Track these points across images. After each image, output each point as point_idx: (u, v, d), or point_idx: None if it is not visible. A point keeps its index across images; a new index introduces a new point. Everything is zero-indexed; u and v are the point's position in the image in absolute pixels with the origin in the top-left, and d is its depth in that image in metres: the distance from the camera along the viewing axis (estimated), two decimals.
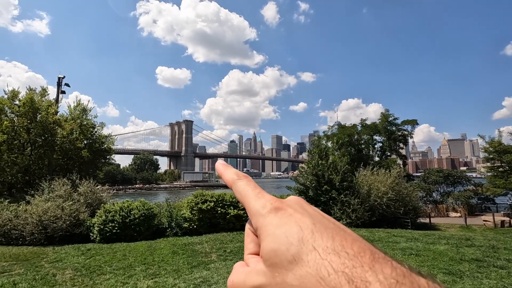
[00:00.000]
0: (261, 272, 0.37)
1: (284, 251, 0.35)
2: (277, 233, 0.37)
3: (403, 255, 8.15)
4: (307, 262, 0.33)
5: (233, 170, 0.49)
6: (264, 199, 0.41)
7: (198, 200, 15.83)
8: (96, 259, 9.00)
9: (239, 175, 0.47)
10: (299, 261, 0.33)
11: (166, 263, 8.30)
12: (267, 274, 0.36)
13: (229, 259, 8.41)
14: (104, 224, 14.08)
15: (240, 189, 0.45)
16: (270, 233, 0.37)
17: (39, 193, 15.54)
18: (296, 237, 0.35)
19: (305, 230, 0.35)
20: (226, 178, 0.48)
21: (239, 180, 0.46)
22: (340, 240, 0.33)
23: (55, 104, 20.53)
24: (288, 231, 0.36)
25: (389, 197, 17.01)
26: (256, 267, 0.39)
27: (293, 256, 0.34)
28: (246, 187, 0.44)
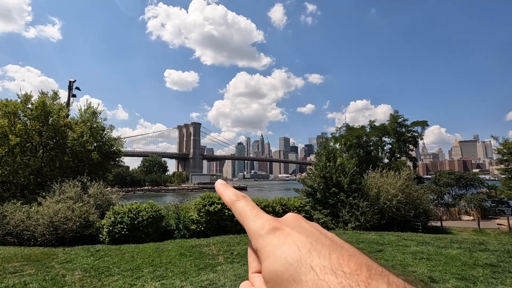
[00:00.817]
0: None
1: (284, 272, 0.36)
2: (277, 254, 0.38)
3: (414, 259, 7.96)
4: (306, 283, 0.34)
5: (232, 191, 0.50)
6: (262, 219, 0.43)
7: (206, 202, 15.86)
8: (105, 260, 9.09)
9: (238, 195, 0.49)
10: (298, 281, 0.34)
11: (173, 265, 8.31)
12: None
13: (236, 262, 8.38)
14: (113, 225, 14.23)
15: (239, 210, 0.46)
16: (270, 254, 0.39)
17: (50, 194, 15.81)
18: (294, 258, 0.36)
19: (303, 250, 0.37)
20: (225, 199, 0.50)
21: (237, 201, 0.47)
22: (337, 258, 0.34)
23: (66, 108, 20.95)
24: (286, 251, 0.37)
25: (399, 200, 16.71)
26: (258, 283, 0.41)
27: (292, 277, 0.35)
28: (244, 208, 0.46)
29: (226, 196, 0.50)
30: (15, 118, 19.27)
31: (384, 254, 8.74)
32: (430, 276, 6.32)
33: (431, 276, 6.33)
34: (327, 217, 17.30)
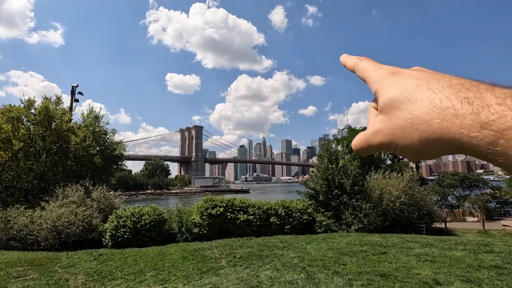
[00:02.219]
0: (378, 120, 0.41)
1: (399, 96, 0.38)
2: (394, 85, 0.40)
3: (418, 262, 7.89)
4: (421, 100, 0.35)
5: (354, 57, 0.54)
6: (383, 69, 0.46)
7: (208, 205, 15.83)
8: (108, 264, 9.09)
9: (361, 58, 0.53)
10: (413, 101, 0.36)
11: (176, 269, 8.30)
12: (384, 119, 0.40)
13: (239, 265, 8.34)
14: (115, 229, 14.24)
15: (361, 68, 0.50)
16: (387, 88, 0.41)
17: (53, 199, 15.87)
18: (411, 85, 0.38)
19: (421, 80, 0.38)
20: (349, 65, 0.54)
21: (360, 61, 0.51)
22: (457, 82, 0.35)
23: (69, 112, 21.08)
24: (404, 82, 0.39)
25: (402, 201, 16.61)
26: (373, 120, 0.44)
27: (407, 98, 0.37)
28: (366, 65, 0.49)
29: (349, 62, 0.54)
30: (18, 123, 19.42)
31: (387, 256, 8.67)
32: (435, 279, 6.26)
33: (435, 279, 6.27)
34: (330, 219, 17.21)
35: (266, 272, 7.47)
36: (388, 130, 0.39)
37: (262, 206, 16.43)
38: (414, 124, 0.35)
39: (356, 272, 7.07)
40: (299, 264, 8.02)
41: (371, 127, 0.44)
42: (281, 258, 8.84)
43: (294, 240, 12.54)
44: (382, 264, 7.73)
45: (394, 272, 6.95)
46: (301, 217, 16.39)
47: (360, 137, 0.47)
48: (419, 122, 0.35)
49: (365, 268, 7.43)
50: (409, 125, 0.36)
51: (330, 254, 9.05)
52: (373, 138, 0.43)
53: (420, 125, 0.35)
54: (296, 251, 9.69)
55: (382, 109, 0.41)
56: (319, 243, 11.42)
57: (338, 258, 8.56)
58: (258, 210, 16.08)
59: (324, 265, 7.81)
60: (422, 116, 0.35)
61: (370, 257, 8.60)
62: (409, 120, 0.36)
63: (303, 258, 8.65)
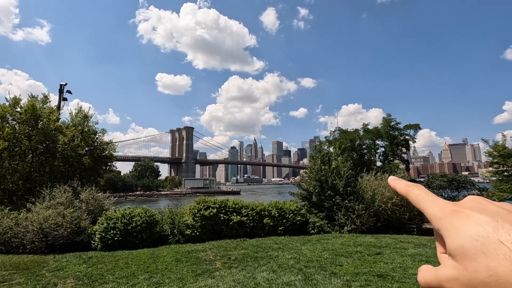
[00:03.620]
0: (452, 266, 0.40)
1: (471, 246, 0.37)
2: (460, 232, 0.39)
3: (413, 262, 7.94)
4: (497, 255, 0.35)
5: (404, 182, 0.55)
6: (439, 203, 0.45)
7: (201, 206, 15.62)
8: (98, 268, 8.80)
9: (411, 185, 0.52)
10: (488, 254, 0.35)
11: (169, 271, 8.10)
12: (458, 268, 0.39)
13: (234, 267, 8.21)
14: (105, 231, 13.88)
15: (414, 197, 0.50)
16: (452, 232, 0.40)
17: (40, 200, 15.37)
18: (479, 235, 0.37)
19: (488, 228, 0.37)
20: (399, 190, 0.54)
21: (412, 190, 0.51)
22: None
23: (57, 111, 20.50)
24: (469, 230, 0.39)
25: (394, 202, 16.79)
26: (446, 263, 0.42)
27: (480, 250, 0.36)
28: (419, 195, 0.49)
29: (399, 187, 0.54)
30: (3, 122, 18.76)
31: (382, 257, 8.70)
32: None
33: None
34: (323, 220, 17.24)
35: (263, 273, 7.36)
36: (466, 281, 0.37)
37: (255, 207, 16.32)
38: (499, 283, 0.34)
39: (353, 273, 7.04)
40: (295, 266, 7.94)
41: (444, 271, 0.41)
42: (276, 259, 8.75)
43: (288, 241, 12.48)
44: (378, 265, 7.73)
45: (391, 272, 6.96)
46: (295, 218, 16.36)
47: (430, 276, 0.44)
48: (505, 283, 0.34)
49: (362, 268, 7.41)
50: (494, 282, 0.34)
51: (325, 255, 9.01)
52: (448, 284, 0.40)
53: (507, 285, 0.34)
54: (291, 252, 9.61)
55: (453, 255, 0.40)
56: (314, 244, 11.39)
57: (334, 259, 8.52)
58: (251, 212, 15.96)
59: (321, 266, 7.76)
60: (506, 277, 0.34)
61: (366, 258, 8.60)
62: (493, 278, 0.34)
63: (299, 259, 8.59)
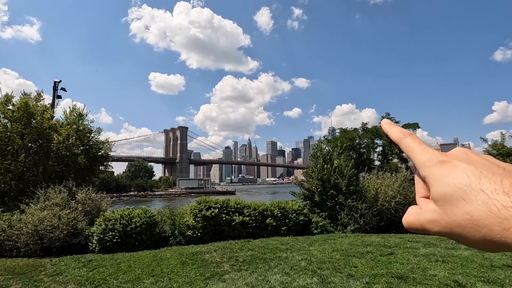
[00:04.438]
0: (433, 210, 0.42)
1: (453, 193, 0.39)
2: (445, 180, 0.41)
3: (429, 262, 7.71)
4: (476, 201, 0.37)
5: (398, 129, 0.54)
6: (429, 153, 0.46)
7: (202, 206, 15.22)
8: (100, 272, 8.37)
9: (404, 133, 0.52)
10: (468, 200, 0.38)
11: (176, 275, 7.72)
12: (438, 211, 0.41)
13: (244, 269, 7.87)
14: (103, 233, 13.39)
15: (406, 146, 0.51)
16: (438, 180, 0.42)
17: (34, 201, 14.79)
18: (463, 183, 0.39)
19: (472, 177, 0.39)
20: (392, 136, 0.53)
21: (404, 138, 0.51)
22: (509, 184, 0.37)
23: (51, 109, 19.83)
24: (455, 178, 0.40)
25: (397, 201, 16.66)
26: (427, 207, 0.44)
27: (461, 197, 0.38)
28: (411, 144, 0.50)
29: (393, 133, 0.53)
30: None
31: (396, 257, 8.46)
32: (456, 280, 6.06)
33: (456, 280, 6.06)
34: (325, 220, 17.02)
35: (276, 276, 7.05)
36: (445, 223, 0.40)
37: (257, 207, 15.99)
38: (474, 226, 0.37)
39: (371, 275, 6.78)
40: (308, 267, 7.65)
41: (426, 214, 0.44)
42: (286, 261, 8.45)
43: (294, 241, 12.20)
44: (394, 266, 7.48)
45: (410, 273, 6.71)
46: (297, 218, 16.08)
47: (412, 217, 0.46)
48: (479, 225, 0.36)
49: (378, 270, 7.15)
50: (469, 225, 0.37)
51: (337, 256, 8.74)
52: (429, 226, 0.43)
53: (480, 228, 0.36)
54: (300, 253, 9.33)
55: (435, 200, 0.42)
56: (321, 244, 11.13)
57: (346, 260, 8.26)
58: (253, 211, 15.62)
59: (335, 268, 7.48)
60: (481, 220, 0.36)
61: (379, 259, 8.36)
62: (469, 221, 0.37)
63: (311, 261, 8.30)
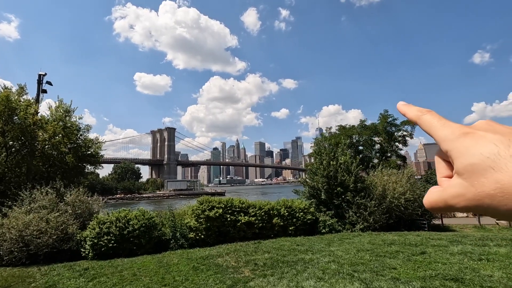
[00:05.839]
0: (458, 184, 0.39)
1: (480, 163, 0.37)
2: (471, 151, 0.38)
3: (473, 261, 7.05)
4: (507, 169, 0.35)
5: (416, 108, 0.51)
6: (451, 127, 0.43)
7: (205, 207, 14.20)
8: (101, 282, 7.26)
9: (422, 111, 0.49)
10: (498, 169, 0.35)
11: (193, 284, 6.73)
12: (464, 184, 0.38)
13: (269, 275, 6.96)
14: (98, 237, 12.18)
15: (426, 122, 0.47)
16: (464, 152, 0.39)
17: (18, 204, 13.37)
18: (491, 152, 0.37)
19: (500, 145, 0.37)
20: (410, 115, 0.50)
21: (423, 115, 0.48)
22: None
23: (36, 104, 18.26)
24: (481, 148, 0.38)
25: (407, 198, 16.16)
26: (451, 182, 0.41)
27: (490, 166, 0.36)
28: (431, 120, 0.46)
29: (410, 112, 0.50)
30: None
31: (430, 256, 7.78)
32: None
33: None
34: (332, 218, 16.30)
35: (309, 282, 6.19)
36: (472, 195, 0.38)
37: (263, 206, 15.12)
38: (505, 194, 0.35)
39: (418, 277, 6.02)
40: (341, 270, 6.83)
41: (450, 189, 0.40)
42: (313, 263, 7.60)
43: (309, 242, 11.39)
44: (437, 266, 6.77)
45: (461, 275, 6.00)
46: (305, 217, 15.30)
47: (434, 196, 0.43)
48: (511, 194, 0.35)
49: (423, 271, 6.41)
50: (499, 194, 0.35)
51: (366, 257, 7.97)
52: (453, 201, 0.40)
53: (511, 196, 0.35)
54: (323, 255, 8.51)
55: (461, 173, 0.39)
56: (340, 244, 10.37)
57: (379, 261, 7.49)
58: (259, 211, 14.73)
59: (372, 270, 6.69)
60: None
61: (413, 258, 7.65)
62: (499, 189, 0.35)
63: (340, 263, 7.49)
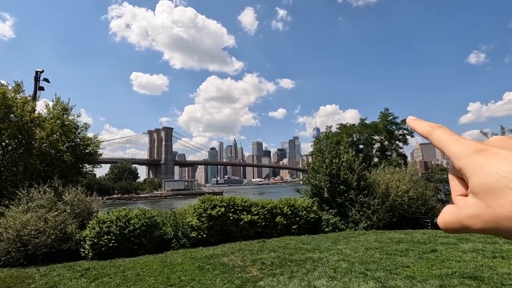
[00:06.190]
0: (473, 204, 0.38)
1: (497, 183, 0.35)
2: (486, 170, 0.37)
3: (487, 258, 6.89)
4: None
5: (426, 123, 0.50)
6: (463, 143, 0.41)
7: (207, 205, 13.95)
8: (104, 282, 7.00)
9: (433, 126, 0.48)
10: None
11: (200, 284, 6.49)
12: (480, 205, 0.37)
13: (279, 274, 6.75)
14: (98, 237, 11.90)
15: (437, 138, 0.45)
16: (478, 170, 0.38)
17: (15, 203, 13.04)
18: (508, 171, 0.35)
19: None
20: (420, 130, 0.49)
21: (434, 131, 0.47)
22: None
23: (33, 101, 17.89)
24: (498, 166, 0.36)
25: (410, 196, 16.02)
26: (466, 202, 0.39)
27: (508, 186, 0.34)
28: (442, 136, 0.45)
29: (420, 127, 0.49)
30: None
31: (442, 254, 7.61)
32: None
33: None
34: (335, 217, 16.14)
35: (321, 281, 5.98)
36: (489, 217, 0.36)
37: (266, 205, 14.91)
38: None
39: (433, 275, 5.84)
40: (352, 269, 6.63)
41: (465, 209, 0.39)
42: (322, 262, 7.40)
43: (315, 240, 11.19)
44: (451, 264, 6.60)
45: (479, 273, 5.83)
46: (308, 215, 15.12)
47: (449, 215, 0.42)
48: None
49: (438, 270, 6.23)
50: None
51: (376, 255, 7.78)
52: (469, 221, 0.39)
53: None
54: (332, 253, 8.31)
55: (476, 193, 0.37)
56: (346, 243, 10.19)
57: (391, 259, 7.31)
58: (262, 210, 14.52)
59: (385, 269, 6.50)
60: None
61: (425, 256, 7.47)
62: None
63: (350, 261, 7.29)
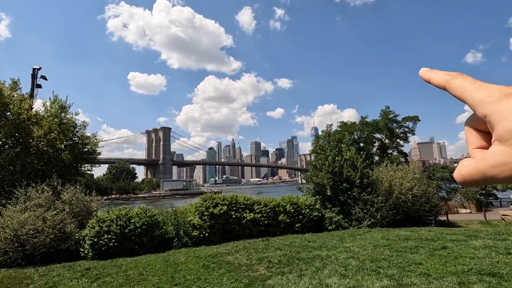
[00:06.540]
0: (500, 151, 0.35)
1: None
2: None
3: (501, 255, 6.71)
4: None
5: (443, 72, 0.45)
6: (488, 89, 0.39)
7: (209, 204, 13.72)
8: (106, 282, 6.75)
9: (453, 74, 0.44)
10: None
11: (206, 283, 6.26)
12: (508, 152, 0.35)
13: (287, 272, 6.53)
14: (98, 236, 11.64)
15: (457, 86, 0.42)
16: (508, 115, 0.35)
17: (12, 202, 12.74)
18: None
19: None
20: (437, 80, 0.45)
21: (453, 79, 0.43)
22: None
23: (30, 99, 17.55)
24: None
25: (414, 193, 15.86)
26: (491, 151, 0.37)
27: None
28: (463, 83, 0.41)
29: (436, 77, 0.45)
30: None
31: (454, 251, 7.42)
32: None
33: None
34: (338, 215, 15.94)
35: (333, 279, 5.76)
36: None
37: (268, 203, 14.70)
38: None
39: (449, 272, 5.64)
40: (363, 267, 6.42)
41: (490, 159, 0.36)
42: (331, 260, 7.19)
43: (320, 238, 10.97)
44: (465, 261, 6.41)
45: (496, 269, 5.64)
46: (311, 214, 14.93)
47: (469, 168, 0.39)
48: None
49: (453, 267, 6.04)
50: None
51: (386, 252, 7.58)
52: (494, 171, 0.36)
53: None
54: (340, 251, 8.10)
55: (504, 140, 0.35)
56: (353, 240, 9.99)
57: (402, 256, 7.11)
58: (264, 208, 14.32)
59: (397, 266, 6.30)
60: None
61: (436, 253, 7.29)
62: None
63: (360, 259, 7.08)
